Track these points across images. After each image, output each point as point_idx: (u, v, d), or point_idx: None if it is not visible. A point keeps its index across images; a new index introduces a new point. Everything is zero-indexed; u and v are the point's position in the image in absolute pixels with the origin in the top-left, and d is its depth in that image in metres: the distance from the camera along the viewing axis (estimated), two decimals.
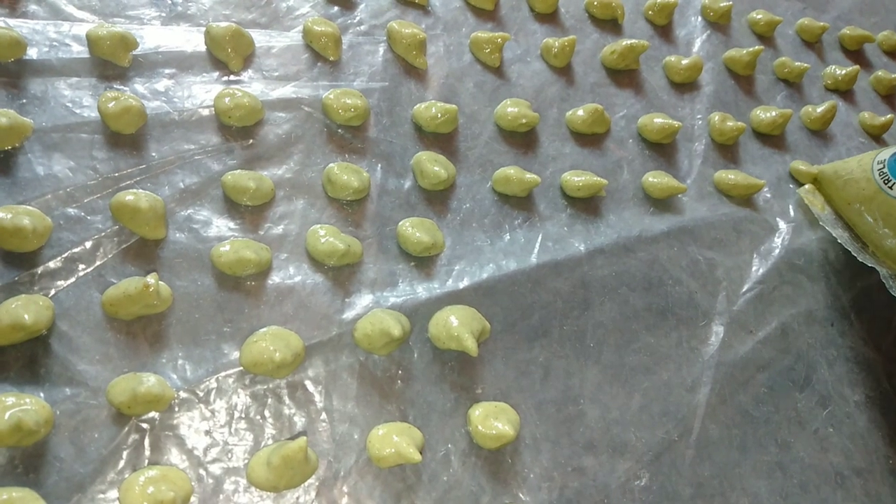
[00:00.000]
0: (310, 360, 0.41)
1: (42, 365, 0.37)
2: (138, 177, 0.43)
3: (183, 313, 0.40)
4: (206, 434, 0.38)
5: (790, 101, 0.68)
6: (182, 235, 0.42)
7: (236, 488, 0.37)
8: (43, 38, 0.45)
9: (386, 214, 0.48)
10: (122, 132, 0.43)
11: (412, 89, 0.53)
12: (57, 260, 0.39)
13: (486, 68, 0.57)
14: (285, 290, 0.43)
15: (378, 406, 0.41)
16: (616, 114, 0.59)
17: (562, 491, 0.42)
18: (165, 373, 0.39)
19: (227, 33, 0.47)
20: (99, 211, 0.41)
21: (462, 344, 0.42)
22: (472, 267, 0.48)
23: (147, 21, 0.48)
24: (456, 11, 0.58)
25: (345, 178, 0.46)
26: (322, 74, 0.51)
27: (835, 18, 0.77)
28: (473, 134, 0.53)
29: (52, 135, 0.42)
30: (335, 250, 0.43)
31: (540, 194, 0.53)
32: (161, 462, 0.37)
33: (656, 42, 0.65)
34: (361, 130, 0.50)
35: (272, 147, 0.47)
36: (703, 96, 0.64)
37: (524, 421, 0.44)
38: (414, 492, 0.40)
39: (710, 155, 0.61)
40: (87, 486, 0.35)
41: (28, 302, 0.37)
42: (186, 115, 0.46)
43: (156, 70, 0.46)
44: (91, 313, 0.39)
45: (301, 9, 0.53)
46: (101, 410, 0.37)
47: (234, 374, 0.40)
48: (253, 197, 0.44)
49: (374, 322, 0.42)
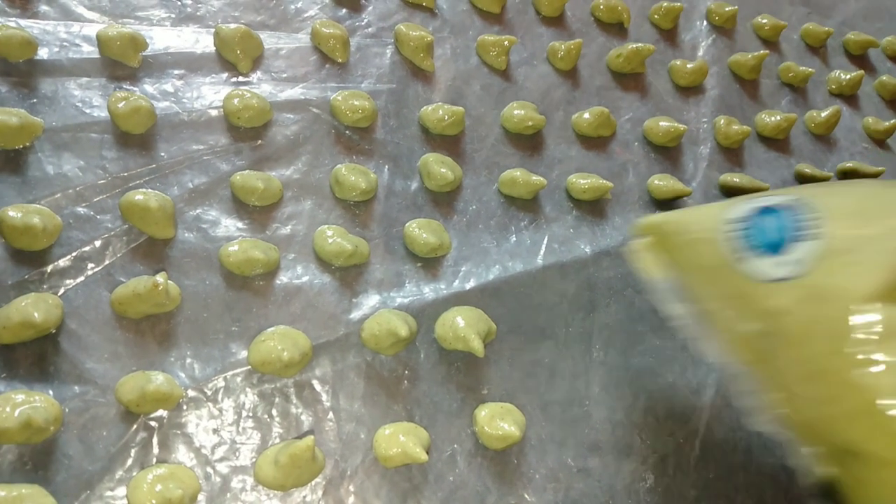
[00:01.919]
0: (317, 360, 0.42)
1: (51, 363, 0.37)
2: (147, 176, 0.43)
3: (191, 312, 0.41)
4: (214, 432, 0.38)
5: (795, 106, 0.68)
6: (191, 235, 0.43)
7: (244, 487, 0.37)
8: (54, 39, 0.45)
9: (393, 215, 0.48)
10: (131, 132, 0.44)
11: (419, 91, 0.53)
12: (66, 258, 0.40)
13: (492, 71, 0.57)
14: (293, 289, 0.43)
15: (384, 406, 0.42)
16: (622, 117, 0.59)
17: (567, 492, 0.43)
18: (174, 371, 0.39)
19: (237, 35, 0.48)
20: (108, 210, 0.41)
21: (468, 345, 0.42)
22: (479, 268, 0.48)
23: (157, 22, 0.48)
24: (463, 14, 0.58)
25: (352, 179, 0.46)
26: (330, 76, 0.51)
27: (839, 24, 0.77)
28: (480, 136, 0.53)
29: (62, 134, 0.42)
30: (343, 251, 0.44)
31: (546, 196, 0.53)
32: (169, 460, 0.37)
33: (662, 46, 0.65)
34: (369, 132, 0.50)
35: (280, 148, 0.47)
36: (708, 100, 0.64)
37: (530, 422, 0.44)
38: (420, 491, 0.40)
39: (716, 158, 0.61)
40: (95, 484, 0.35)
41: (38, 300, 0.37)
42: (195, 115, 0.46)
43: (165, 71, 0.47)
44: (100, 312, 0.39)
45: (309, 11, 0.53)
46: (109, 408, 0.37)
47: (242, 373, 0.40)
48: (261, 197, 0.44)
49: (381, 322, 0.42)
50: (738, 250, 0.37)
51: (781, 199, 0.38)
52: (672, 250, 0.43)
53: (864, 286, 0.32)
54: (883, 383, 0.31)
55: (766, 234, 0.37)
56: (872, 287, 0.32)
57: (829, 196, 0.37)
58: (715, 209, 0.41)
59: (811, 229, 0.35)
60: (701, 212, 0.42)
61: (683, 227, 0.42)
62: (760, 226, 0.38)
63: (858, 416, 0.32)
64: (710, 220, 0.40)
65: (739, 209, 0.39)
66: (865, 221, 0.35)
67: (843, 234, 0.35)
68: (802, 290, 0.34)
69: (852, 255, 0.33)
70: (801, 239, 0.35)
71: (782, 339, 0.35)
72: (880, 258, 0.33)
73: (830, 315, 0.33)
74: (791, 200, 0.37)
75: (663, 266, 0.43)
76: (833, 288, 0.33)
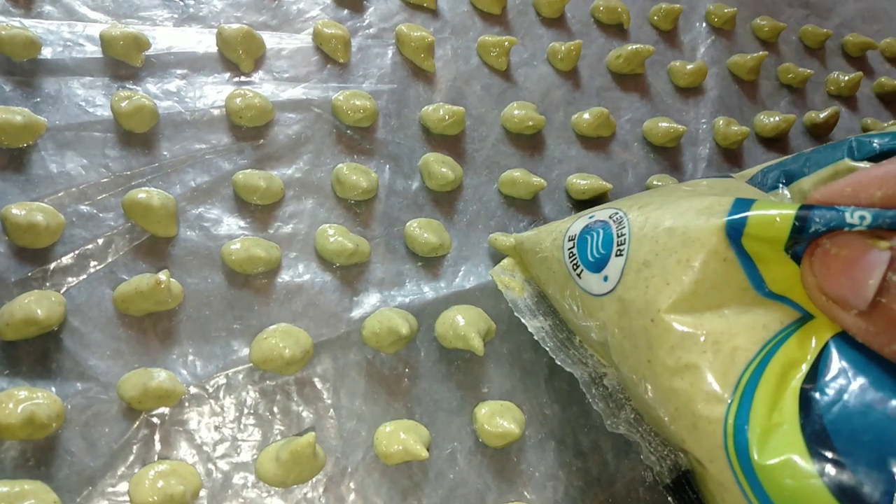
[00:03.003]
0: (318, 358, 0.42)
1: (54, 360, 0.37)
2: (150, 175, 0.43)
3: (193, 310, 0.41)
4: (216, 429, 0.38)
5: (793, 107, 0.69)
6: (193, 233, 0.43)
7: (245, 483, 0.38)
8: (57, 38, 0.45)
9: (394, 215, 0.48)
10: (134, 131, 0.44)
11: (420, 91, 0.54)
12: (69, 256, 0.40)
13: (493, 71, 0.57)
14: (294, 288, 0.43)
15: (385, 403, 0.42)
16: (621, 117, 0.60)
17: (567, 490, 0.43)
18: (176, 368, 0.39)
19: (239, 35, 0.48)
20: (111, 208, 0.42)
21: (469, 343, 0.42)
22: (479, 267, 0.48)
23: (159, 22, 0.49)
24: (464, 15, 0.59)
25: (353, 178, 0.47)
26: (331, 76, 0.51)
27: (838, 25, 0.78)
28: (480, 136, 0.54)
29: (65, 133, 0.43)
30: (344, 249, 0.44)
31: (545, 197, 0.53)
32: (171, 457, 0.37)
33: (661, 47, 0.66)
34: (370, 132, 0.50)
35: (282, 147, 0.48)
36: (707, 101, 0.64)
37: (529, 420, 0.44)
38: (420, 489, 0.40)
39: (715, 159, 0.61)
40: (97, 480, 0.35)
41: (40, 297, 0.37)
42: (198, 114, 0.46)
43: (168, 70, 0.47)
44: (102, 309, 0.39)
45: (311, 11, 0.53)
46: (111, 405, 0.37)
47: (244, 370, 0.40)
48: (263, 196, 0.45)
49: (382, 320, 0.42)
50: (575, 266, 0.40)
51: (607, 214, 0.40)
52: (532, 266, 0.45)
53: (662, 299, 0.33)
54: (692, 386, 0.32)
55: (594, 250, 0.39)
56: (668, 300, 0.33)
57: (637, 207, 0.38)
58: (561, 225, 0.43)
59: (621, 245, 0.37)
60: (551, 229, 0.44)
61: (538, 244, 0.44)
62: (589, 242, 0.39)
63: (678, 419, 0.33)
64: (556, 237, 0.42)
65: (577, 225, 0.41)
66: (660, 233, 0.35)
67: (643, 248, 0.36)
68: (617, 303, 0.36)
69: (650, 268, 0.35)
70: (616, 254, 0.37)
71: (612, 349, 0.37)
72: (672, 270, 0.33)
73: (639, 327, 0.35)
74: (613, 215, 0.39)
75: (525, 283, 0.46)
76: (637, 301, 0.35)
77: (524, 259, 0.46)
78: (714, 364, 0.32)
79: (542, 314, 0.45)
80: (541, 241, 0.44)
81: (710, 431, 0.32)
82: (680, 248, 0.34)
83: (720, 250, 0.32)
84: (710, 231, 0.33)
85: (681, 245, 0.34)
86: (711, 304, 0.33)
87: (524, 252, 0.46)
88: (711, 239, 0.32)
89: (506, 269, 0.47)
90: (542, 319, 0.45)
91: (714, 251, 0.32)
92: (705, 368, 0.32)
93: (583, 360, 0.42)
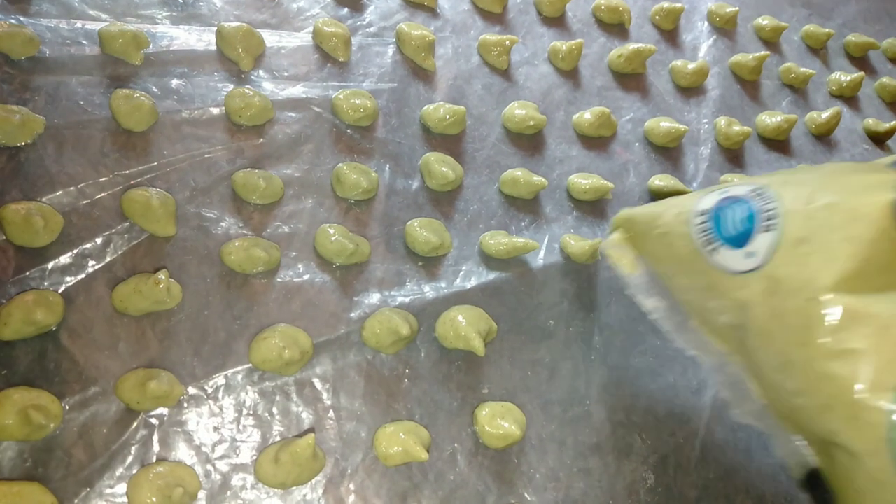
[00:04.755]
0: (318, 358, 0.42)
1: (52, 360, 0.37)
2: (149, 174, 0.43)
3: (192, 310, 0.41)
4: (215, 430, 0.38)
5: (795, 107, 0.68)
6: (192, 233, 0.43)
7: (244, 485, 0.37)
8: (56, 36, 0.45)
9: (394, 214, 0.48)
10: (133, 130, 0.44)
11: (421, 91, 0.53)
12: (67, 256, 0.40)
13: (494, 71, 0.57)
14: (294, 288, 0.43)
15: (385, 404, 0.42)
16: (623, 117, 0.60)
17: (567, 491, 0.43)
18: (174, 369, 0.39)
19: (238, 33, 0.48)
20: (110, 208, 0.41)
21: (469, 343, 0.42)
22: (479, 267, 0.48)
23: (159, 20, 0.48)
24: (464, 14, 0.58)
25: (354, 177, 0.46)
26: (332, 75, 0.51)
27: (840, 25, 0.78)
28: (481, 135, 0.54)
29: (64, 132, 0.42)
30: (344, 249, 0.44)
31: (546, 196, 0.53)
32: (169, 458, 0.37)
33: (663, 46, 0.65)
34: (370, 131, 0.50)
35: (282, 146, 0.47)
36: (709, 101, 0.64)
37: (530, 421, 0.44)
38: (420, 490, 0.40)
39: (716, 159, 0.61)
40: (95, 481, 0.35)
41: (39, 297, 0.37)
42: (197, 113, 0.46)
43: (167, 69, 0.47)
44: (101, 309, 0.39)
45: (311, 10, 0.53)
46: (109, 406, 0.37)
47: (243, 370, 0.40)
48: (262, 195, 0.44)
49: (382, 321, 0.42)
50: (708, 242, 0.37)
51: (746, 189, 0.37)
52: (646, 243, 0.43)
53: (824, 277, 0.31)
54: (855, 373, 0.30)
55: (733, 225, 0.36)
56: (831, 278, 0.31)
57: (787, 184, 0.36)
58: (686, 200, 0.40)
59: (770, 220, 0.35)
60: (672, 203, 0.41)
61: (655, 219, 0.41)
62: (728, 217, 0.37)
63: (833, 408, 0.31)
64: (681, 211, 0.40)
65: (708, 200, 0.39)
66: (820, 208, 0.33)
67: (798, 224, 0.33)
68: (765, 281, 0.34)
69: (809, 244, 0.32)
70: (763, 230, 0.35)
71: (753, 331, 0.35)
72: (836, 248, 0.31)
73: (793, 307, 0.32)
74: (755, 190, 0.37)
75: (637, 260, 0.43)
76: (793, 279, 0.33)
77: (636, 236, 0.43)
78: (882, 350, 0.29)
79: (656, 294, 0.42)
80: (658, 215, 0.41)
81: (874, 422, 0.29)
82: (844, 225, 0.31)
83: (889, 229, 0.30)
84: (879, 207, 0.30)
85: (845, 221, 0.31)
86: (880, 286, 0.30)
87: (636, 228, 0.43)
88: (880, 216, 0.30)
89: (617, 243, 0.44)
90: (658, 300, 0.42)
91: (884, 229, 0.30)
92: (871, 354, 0.29)
93: (701, 344, 0.40)
